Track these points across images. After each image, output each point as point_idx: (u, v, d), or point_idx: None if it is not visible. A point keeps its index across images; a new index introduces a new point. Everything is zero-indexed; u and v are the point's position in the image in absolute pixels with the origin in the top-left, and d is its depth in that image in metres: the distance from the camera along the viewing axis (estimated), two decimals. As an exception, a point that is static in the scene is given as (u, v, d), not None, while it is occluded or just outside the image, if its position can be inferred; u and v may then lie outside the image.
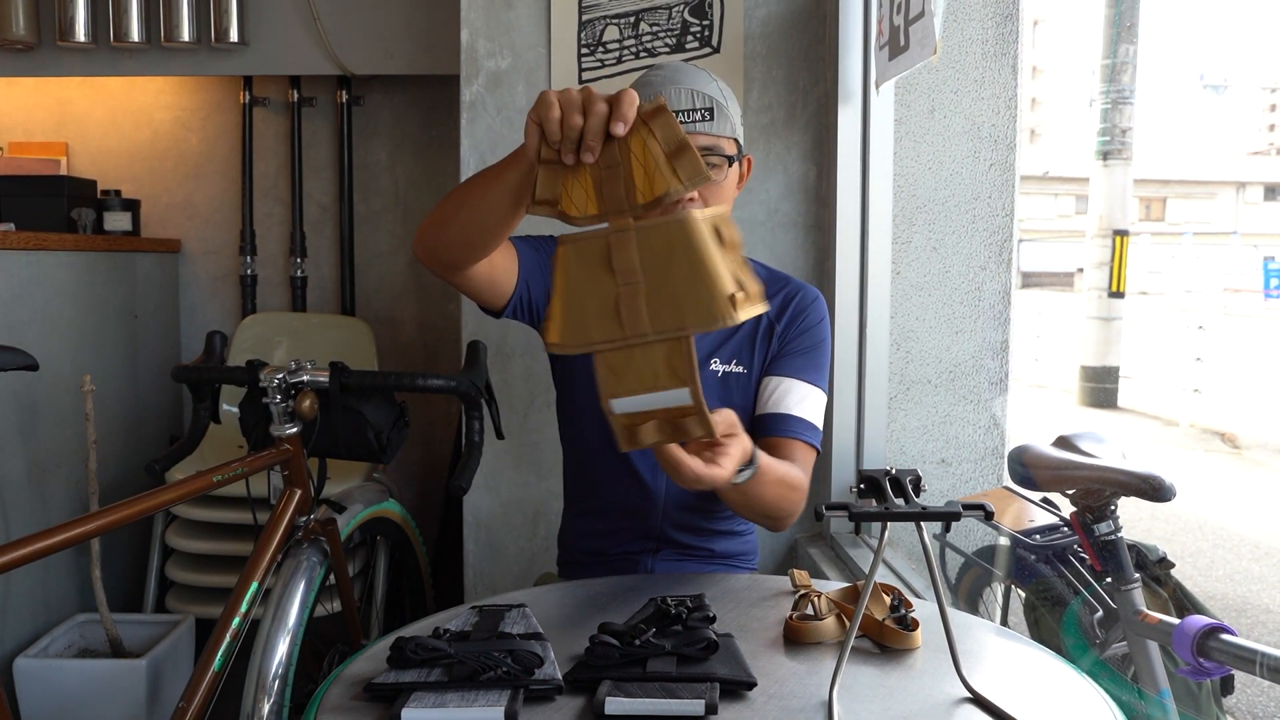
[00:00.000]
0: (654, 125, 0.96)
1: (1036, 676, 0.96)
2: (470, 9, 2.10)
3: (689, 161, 0.95)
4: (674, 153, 0.95)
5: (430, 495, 2.97)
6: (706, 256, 0.93)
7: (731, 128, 1.32)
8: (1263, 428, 7.41)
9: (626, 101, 0.94)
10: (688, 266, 0.93)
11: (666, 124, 0.95)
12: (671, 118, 0.95)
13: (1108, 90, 8.17)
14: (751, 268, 0.96)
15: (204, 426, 1.63)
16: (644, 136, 0.96)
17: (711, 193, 1.31)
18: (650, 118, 0.96)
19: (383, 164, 2.95)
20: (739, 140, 1.35)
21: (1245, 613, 3.65)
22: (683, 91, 1.29)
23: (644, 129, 0.96)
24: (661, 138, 0.96)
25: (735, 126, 1.33)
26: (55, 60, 2.71)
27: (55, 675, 2.13)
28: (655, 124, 0.96)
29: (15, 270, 2.19)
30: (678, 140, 0.95)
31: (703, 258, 0.93)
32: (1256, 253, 17.95)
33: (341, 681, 0.93)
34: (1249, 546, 4.48)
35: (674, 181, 0.95)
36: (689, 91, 1.29)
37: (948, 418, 2.07)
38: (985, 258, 2.05)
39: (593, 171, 0.97)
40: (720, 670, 0.89)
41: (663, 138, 0.96)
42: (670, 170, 0.95)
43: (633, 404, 0.98)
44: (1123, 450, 1.75)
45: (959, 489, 2.08)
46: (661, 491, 1.40)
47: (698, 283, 0.93)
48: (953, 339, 2.06)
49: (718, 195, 1.32)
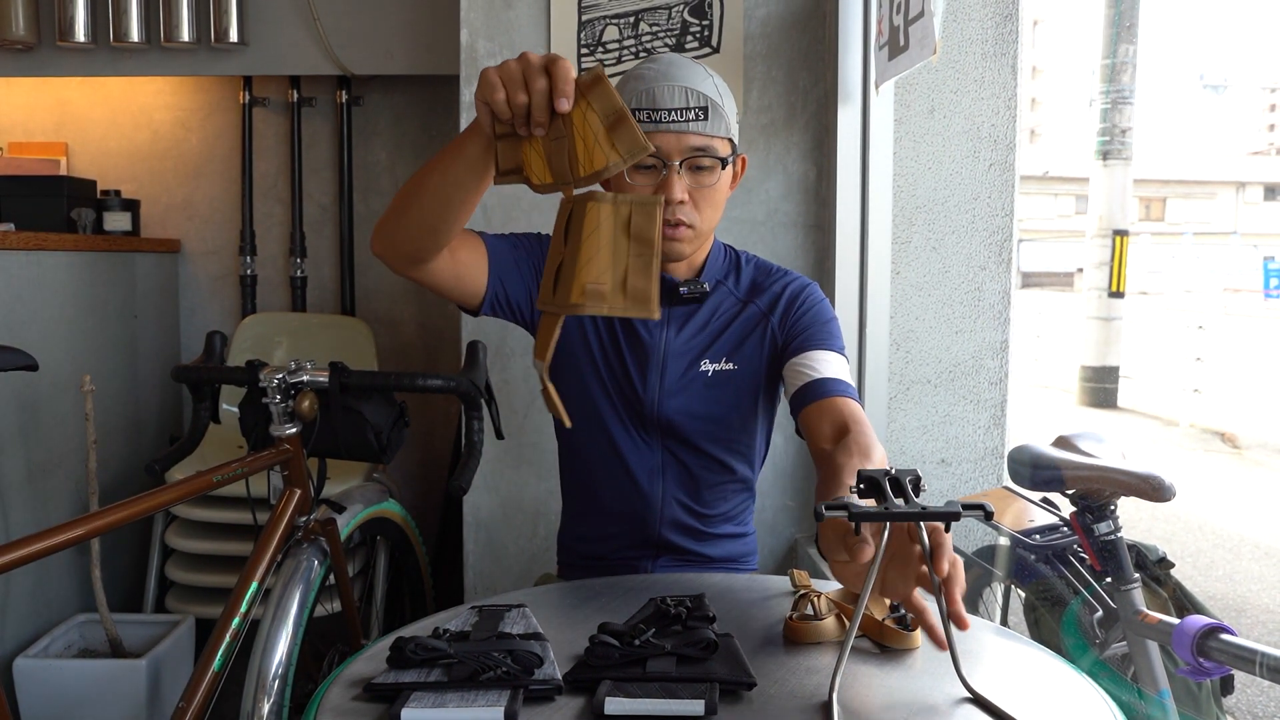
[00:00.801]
0: (591, 97, 0.95)
1: (1036, 676, 0.96)
2: (470, 9, 2.10)
3: (627, 134, 0.94)
4: (613, 125, 0.95)
5: (430, 495, 2.97)
6: (585, 243, 0.95)
7: (726, 127, 1.27)
8: (1263, 428, 7.41)
9: (562, 76, 0.94)
10: (575, 249, 0.96)
11: (604, 94, 0.95)
12: (609, 87, 0.95)
13: (1107, 90, 8.17)
14: (653, 267, 0.95)
15: (204, 426, 1.63)
16: (583, 109, 0.96)
17: (703, 196, 1.28)
18: (588, 89, 0.95)
19: (382, 164, 2.95)
20: (733, 140, 1.30)
21: (1245, 613, 3.65)
22: (675, 89, 1.24)
23: (583, 101, 0.96)
24: (600, 110, 0.95)
25: (730, 126, 1.28)
26: (55, 60, 2.71)
27: (55, 675, 2.12)
28: (593, 95, 0.95)
29: (15, 270, 2.19)
30: (615, 111, 0.94)
31: (582, 243, 0.95)
32: (1256, 253, 17.95)
33: (341, 681, 0.93)
34: (1249, 546, 4.48)
35: (612, 155, 0.95)
36: (682, 89, 1.24)
37: (948, 418, 2.07)
38: (985, 258, 2.05)
39: (544, 143, 0.98)
40: (720, 670, 0.89)
41: (601, 110, 0.95)
42: (609, 144, 0.95)
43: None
44: (1123, 450, 1.75)
45: (959, 489, 2.08)
46: (659, 498, 1.39)
47: (576, 267, 0.95)
48: (953, 339, 2.06)
49: (710, 198, 1.29)
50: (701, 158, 1.26)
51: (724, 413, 1.37)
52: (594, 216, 0.95)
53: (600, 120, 0.95)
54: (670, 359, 1.36)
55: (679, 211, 1.27)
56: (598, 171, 0.96)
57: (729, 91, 1.31)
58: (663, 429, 1.37)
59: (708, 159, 1.26)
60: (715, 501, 1.41)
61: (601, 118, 0.95)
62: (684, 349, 1.37)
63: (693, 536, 1.41)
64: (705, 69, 1.29)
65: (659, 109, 1.23)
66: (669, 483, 1.39)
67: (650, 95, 1.24)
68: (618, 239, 0.95)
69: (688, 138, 1.24)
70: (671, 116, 1.23)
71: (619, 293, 0.95)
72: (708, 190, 1.28)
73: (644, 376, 1.36)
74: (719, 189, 1.30)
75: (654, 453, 1.38)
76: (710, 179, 1.28)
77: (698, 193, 1.28)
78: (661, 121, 1.23)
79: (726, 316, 1.39)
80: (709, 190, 1.28)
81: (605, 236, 0.95)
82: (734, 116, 1.31)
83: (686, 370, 1.36)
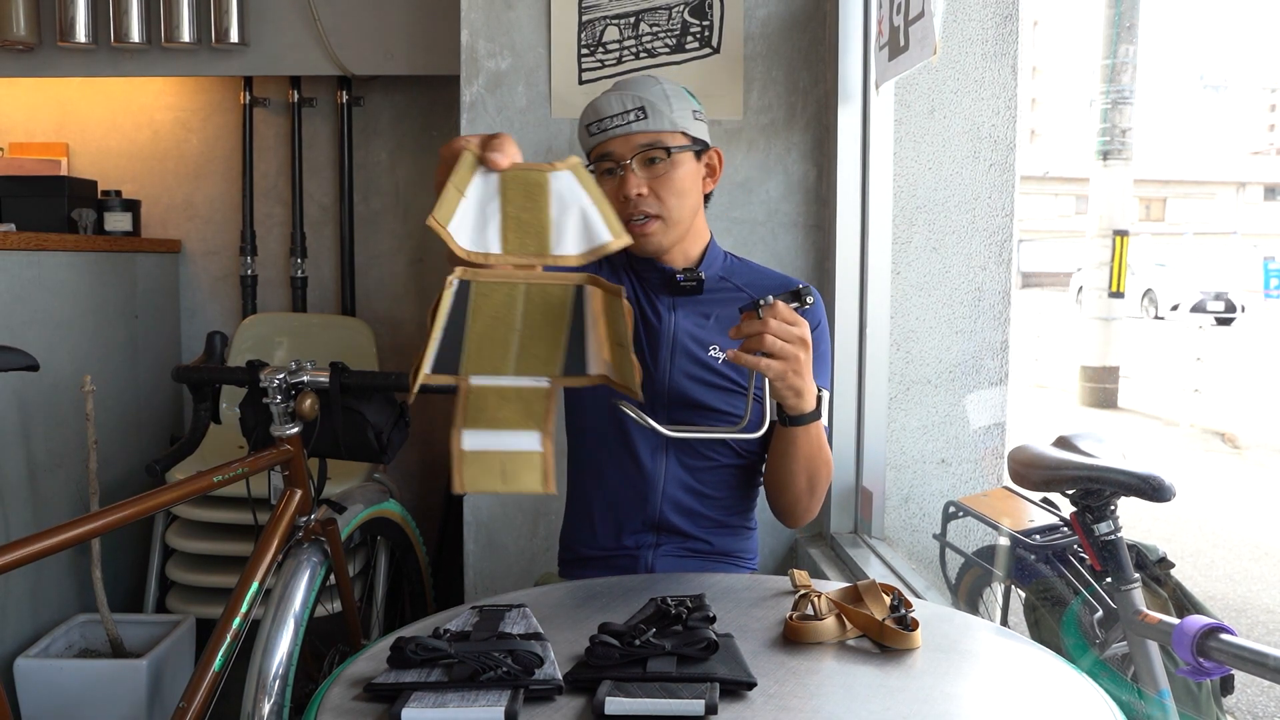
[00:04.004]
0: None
1: (1036, 676, 0.96)
2: (470, 9, 2.10)
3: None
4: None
5: (430, 495, 2.97)
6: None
7: (670, 123, 1.36)
8: (1263, 428, 7.40)
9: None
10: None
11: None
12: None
13: (1108, 90, 8.16)
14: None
15: (204, 427, 1.63)
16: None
17: (661, 185, 1.36)
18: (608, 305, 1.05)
19: (383, 164, 2.96)
20: (688, 134, 1.38)
21: (1245, 613, 3.65)
22: (614, 98, 1.36)
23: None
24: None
25: (676, 121, 1.36)
26: (56, 61, 2.72)
27: (56, 675, 2.13)
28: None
29: (16, 271, 2.19)
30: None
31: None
32: (1256, 252, 17.93)
33: (341, 682, 0.93)
34: (1249, 546, 4.48)
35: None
36: (619, 97, 1.36)
37: (948, 418, 2.07)
38: (985, 258, 2.05)
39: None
40: (720, 670, 0.89)
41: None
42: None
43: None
44: (1123, 450, 1.75)
45: (959, 489, 2.08)
46: (661, 475, 1.41)
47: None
48: (953, 339, 2.06)
49: (669, 186, 1.36)
50: (649, 151, 1.36)
51: (728, 401, 1.40)
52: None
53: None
54: (679, 342, 1.41)
55: (641, 204, 1.36)
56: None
57: (684, 94, 1.40)
58: (669, 404, 1.39)
59: (656, 150, 1.36)
60: (716, 484, 1.43)
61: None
62: (692, 335, 1.41)
63: (693, 520, 1.42)
64: (659, 80, 1.40)
65: (602, 118, 1.37)
66: (671, 462, 1.41)
67: (595, 109, 1.38)
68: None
69: (633, 137, 1.36)
70: (615, 121, 1.36)
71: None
72: (664, 179, 1.37)
73: (655, 354, 1.41)
74: (677, 178, 1.38)
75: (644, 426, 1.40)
76: (663, 169, 1.37)
77: (655, 183, 1.36)
78: (607, 129, 1.36)
79: (733, 311, 1.41)
80: (665, 179, 1.37)
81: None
82: (686, 114, 1.39)
83: (695, 354, 1.40)
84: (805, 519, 1.41)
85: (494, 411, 1.03)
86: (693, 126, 1.39)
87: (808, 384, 1.22)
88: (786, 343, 1.16)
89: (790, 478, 1.34)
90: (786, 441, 1.31)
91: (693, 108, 1.40)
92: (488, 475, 1.02)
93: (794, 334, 1.16)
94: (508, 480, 1.02)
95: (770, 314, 1.15)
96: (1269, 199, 29.43)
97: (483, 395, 1.03)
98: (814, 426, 1.29)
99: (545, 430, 1.03)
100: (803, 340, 1.18)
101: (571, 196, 1.02)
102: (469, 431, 1.02)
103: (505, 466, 1.02)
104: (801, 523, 1.42)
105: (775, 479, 1.38)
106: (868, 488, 1.97)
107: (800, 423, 1.26)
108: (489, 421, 1.02)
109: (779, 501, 1.40)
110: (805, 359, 1.19)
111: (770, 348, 1.15)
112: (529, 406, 1.03)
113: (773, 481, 1.39)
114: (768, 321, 1.15)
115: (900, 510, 2.06)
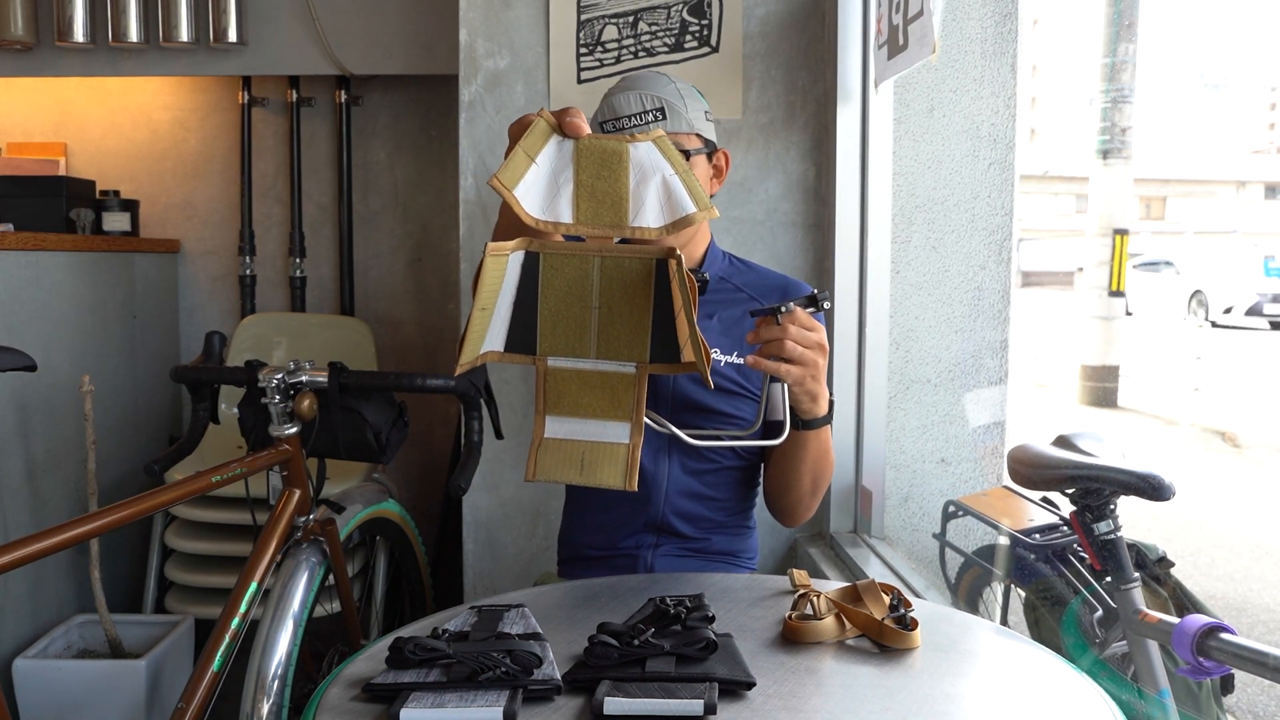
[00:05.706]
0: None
1: (1036, 676, 0.96)
2: (469, 9, 2.10)
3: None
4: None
5: (430, 495, 2.97)
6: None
7: (687, 124, 1.35)
8: (1263, 428, 7.40)
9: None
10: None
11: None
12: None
13: (1107, 89, 8.16)
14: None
15: (203, 427, 1.63)
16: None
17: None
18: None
19: (382, 164, 2.95)
20: (702, 135, 1.37)
21: (1245, 612, 3.65)
22: (631, 97, 1.34)
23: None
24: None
25: (692, 123, 1.35)
26: (54, 60, 2.71)
27: (55, 676, 2.12)
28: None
29: (14, 271, 2.19)
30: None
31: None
32: (1256, 251, 17.92)
33: (340, 682, 0.93)
34: (1249, 546, 4.47)
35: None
36: (638, 96, 1.34)
37: (948, 417, 2.07)
38: (985, 257, 2.05)
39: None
40: (719, 670, 0.89)
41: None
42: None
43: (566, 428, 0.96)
44: (1123, 450, 1.75)
45: (959, 488, 2.08)
46: (664, 476, 1.41)
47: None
48: (952, 338, 2.06)
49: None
50: None
51: (732, 404, 1.40)
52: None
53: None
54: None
55: None
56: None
57: (695, 93, 1.39)
58: (673, 407, 1.39)
59: None
60: (718, 486, 1.42)
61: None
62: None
63: (694, 520, 1.42)
64: (669, 77, 1.38)
65: (620, 116, 1.34)
66: (673, 464, 1.41)
67: (612, 107, 1.35)
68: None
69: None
70: (634, 121, 1.33)
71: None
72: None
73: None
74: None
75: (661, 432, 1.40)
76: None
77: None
78: (625, 128, 1.34)
79: (735, 313, 1.43)
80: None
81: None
82: (700, 115, 1.37)
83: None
84: (805, 518, 1.41)
85: (576, 397, 0.95)
86: (705, 128, 1.38)
87: (824, 389, 1.22)
88: (806, 348, 1.15)
89: (796, 479, 1.34)
90: (796, 445, 1.30)
91: (704, 108, 1.40)
92: (566, 465, 0.96)
93: (813, 339, 1.16)
94: (586, 473, 0.96)
95: (789, 320, 1.14)
96: (1269, 198, 29.42)
97: (562, 379, 0.95)
98: (823, 430, 1.29)
99: (636, 422, 0.95)
100: (821, 345, 1.17)
101: (653, 166, 0.95)
102: (553, 418, 0.95)
103: (586, 457, 0.96)
104: (800, 522, 1.42)
105: (780, 481, 1.38)
106: (867, 487, 1.97)
107: (812, 426, 1.26)
108: (572, 408, 0.95)
109: (781, 502, 1.40)
110: (823, 364, 1.19)
111: (790, 354, 1.14)
112: (615, 395, 0.96)
113: (777, 483, 1.39)
114: (787, 327, 1.14)
115: (900, 510, 2.06)
